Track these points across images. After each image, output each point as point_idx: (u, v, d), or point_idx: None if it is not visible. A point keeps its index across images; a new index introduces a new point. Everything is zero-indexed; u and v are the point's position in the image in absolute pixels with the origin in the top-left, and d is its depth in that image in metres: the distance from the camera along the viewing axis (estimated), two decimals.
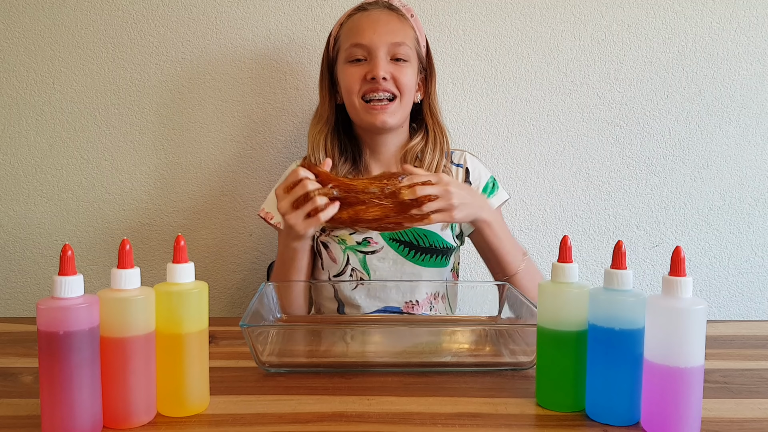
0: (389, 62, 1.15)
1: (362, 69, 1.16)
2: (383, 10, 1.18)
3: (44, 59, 1.41)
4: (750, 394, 0.76)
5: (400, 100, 1.17)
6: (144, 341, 0.65)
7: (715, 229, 1.48)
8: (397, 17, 1.18)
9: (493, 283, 1.12)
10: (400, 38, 1.15)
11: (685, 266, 0.64)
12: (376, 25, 1.15)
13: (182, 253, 0.69)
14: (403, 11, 1.20)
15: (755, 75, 1.44)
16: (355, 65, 1.16)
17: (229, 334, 0.97)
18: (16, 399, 0.73)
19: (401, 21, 1.18)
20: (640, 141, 1.45)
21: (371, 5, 1.20)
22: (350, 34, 1.17)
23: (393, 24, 1.16)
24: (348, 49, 1.16)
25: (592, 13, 1.42)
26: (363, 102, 1.16)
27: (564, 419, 0.69)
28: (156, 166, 1.45)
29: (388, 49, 1.15)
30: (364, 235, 1.18)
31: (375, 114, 1.16)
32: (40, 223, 1.46)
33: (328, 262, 1.21)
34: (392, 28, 1.16)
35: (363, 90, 1.15)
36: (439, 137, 1.24)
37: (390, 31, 1.15)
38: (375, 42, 1.14)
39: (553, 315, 0.71)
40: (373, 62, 1.14)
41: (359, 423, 0.67)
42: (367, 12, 1.18)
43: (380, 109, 1.15)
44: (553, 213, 1.47)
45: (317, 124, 1.24)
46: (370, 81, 1.14)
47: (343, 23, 1.21)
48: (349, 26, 1.18)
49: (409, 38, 1.18)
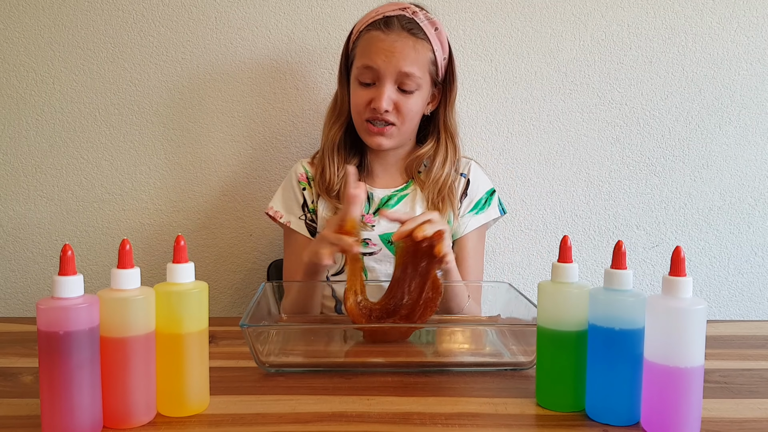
0: (395, 91, 1.15)
1: (369, 94, 1.15)
2: (401, 33, 1.14)
3: (44, 59, 1.41)
4: (750, 394, 0.76)
5: (400, 127, 1.17)
6: (144, 341, 0.65)
7: (715, 229, 1.48)
8: (413, 43, 1.14)
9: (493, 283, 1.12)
10: (410, 68, 1.13)
11: (685, 266, 0.64)
12: (390, 53, 1.13)
13: (182, 253, 0.69)
14: (425, 29, 1.16)
15: (755, 75, 1.44)
16: (363, 88, 1.16)
17: (229, 334, 0.97)
18: (16, 399, 0.73)
19: (416, 46, 1.14)
20: (640, 141, 1.45)
21: (391, 24, 1.14)
22: (364, 53, 1.16)
23: (407, 52, 1.13)
24: (359, 68, 1.16)
25: (592, 13, 1.42)
26: (365, 123, 1.18)
27: (564, 419, 0.69)
28: (156, 166, 1.45)
29: (396, 78, 1.14)
30: (363, 237, 1.19)
31: (372, 135, 1.18)
32: (40, 223, 1.46)
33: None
34: (405, 57, 1.13)
35: (366, 114, 1.17)
36: (450, 152, 1.23)
37: (402, 59, 1.13)
38: (384, 70, 1.13)
39: (553, 315, 0.71)
40: (379, 92, 1.14)
41: (359, 423, 0.67)
42: (385, 34, 1.14)
43: (377, 132, 1.17)
44: (553, 213, 1.47)
45: (336, 122, 1.24)
46: (373, 110, 1.15)
47: (362, 32, 1.17)
48: (367, 41, 1.16)
49: (421, 64, 1.15)
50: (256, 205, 1.45)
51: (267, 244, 1.47)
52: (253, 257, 1.48)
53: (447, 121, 1.24)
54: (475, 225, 1.24)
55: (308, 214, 1.24)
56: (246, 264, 1.48)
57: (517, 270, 1.48)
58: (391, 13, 1.16)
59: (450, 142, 1.24)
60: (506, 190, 1.45)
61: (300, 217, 1.24)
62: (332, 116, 1.25)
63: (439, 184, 1.21)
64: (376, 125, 1.17)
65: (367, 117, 1.17)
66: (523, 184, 1.46)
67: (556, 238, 1.45)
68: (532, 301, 0.89)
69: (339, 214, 0.98)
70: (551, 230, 1.47)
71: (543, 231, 1.47)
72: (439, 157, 1.22)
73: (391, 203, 1.22)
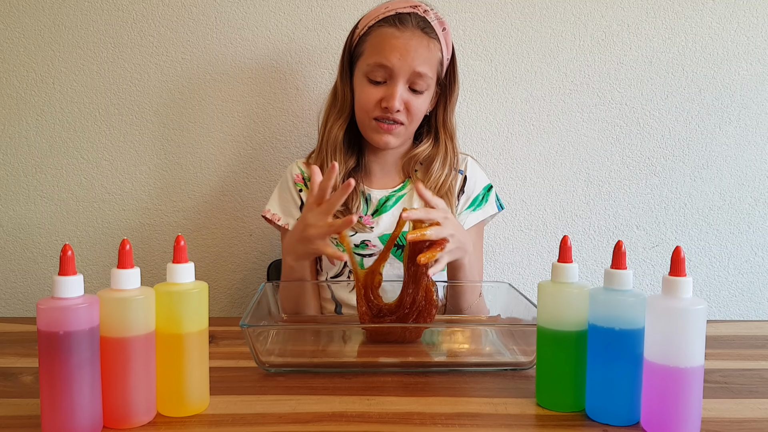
0: (406, 90, 1.14)
1: (379, 92, 1.14)
2: (415, 31, 1.12)
3: (44, 59, 1.41)
4: (750, 394, 0.76)
5: (407, 126, 1.17)
6: (144, 341, 0.65)
7: (715, 229, 1.48)
8: (426, 42, 1.13)
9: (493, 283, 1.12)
10: (423, 68, 1.12)
11: (685, 266, 0.64)
12: (405, 52, 1.11)
13: (182, 253, 0.69)
14: (436, 28, 1.15)
15: (755, 75, 1.44)
16: (373, 86, 1.14)
17: (229, 334, 0.97)
18: (16, 399, 0.73)
19: (429, 46, 1.13)
20: (640, 141, 1.45)
21: (406, 21, 1.12)
22: (376, 50, 1.13)
23: (421, 51, 1.12)
24: (371, 65, 1.13)
25: (592, 13, 1.42)
26: (372, 121, 1.16)
27: (564, 419, 0.69)
28: (156, 166, 1.45)
29: (409, 77, 1.13)
30: (362, 238, 1.18)
31: (381, 134, 1.16)
32: (40, 223, 1.46)
33: (327, 265, 1.21)
34: (419, 56, 1.12)
35: (376, 113, 1.15)
36: (450, 153, 1.23)
37: (416, 59, 1.11)
38: (398, 69, 1.11)
39: (553, 315, 0.71)
40: (391, 91, 1.12)
41: (359, 423, 0.67)
42: (400, 31, 1.12)
43: (386, 129, 1.16)
44: (553, 213, 1.47)
45: (338, 118, 1.21)
46: (384, 109, 1.14)
47: (372, 27, 1.15)
48: (378, 39, 1.13)
49: (432, 64, 1.14)
50: (256, 205, 1.45)
51: (267, 244, 1.47)
52: (253, 257, 1.48)
53: (446, 122, 1.23)
54: (473, 222, 1.24)
55: None
56: (246, 264, 1.48)
57: (517, 270, 1.48)
58: (404, 10, 1.14)
59: (449, 143, 1.23)
60: (506, 189, 1.45)
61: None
62: (333, 112, 1.22)
63: (438, 185, 1.20)
64: (384, 122, 1.15)
65: (376, 115, 1.15)
66: (523, 183, 1.46)
67: (556, 238, 1.45)
68: (532, 301, 0.89)
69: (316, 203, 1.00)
70: (551, 230, 1.47)
71: (543, 231, 1.47)
72: (438, 158, 1.22)
73: (389, 204, 1.22)
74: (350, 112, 1.21)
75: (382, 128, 1.16)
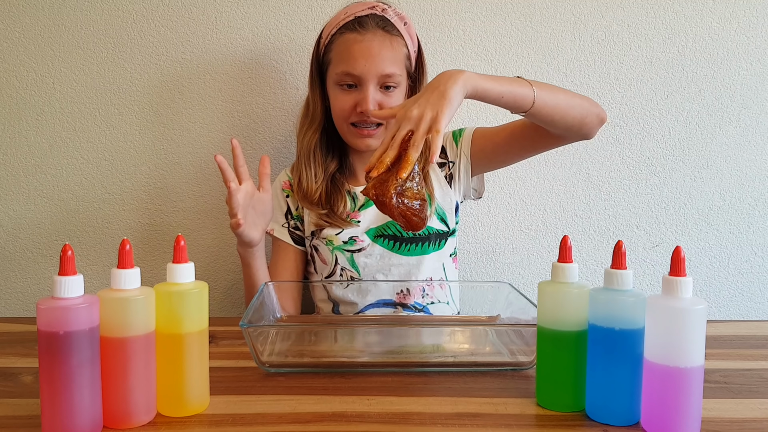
0: (378, 91, 1.15)
1: (352, 98, 1.15)
2: (377, 32, 1.14)
3: (44, 59, 1.41)
4: (750, 394, 0.76)
5: (386, 125, 1.17)
6: (144, 341, 0.65)
7: (715, 229, 1.48)
8: (389, 41, 1.14)
9: (493, 283, 1.12)
10: (390, 68, 1.13)
11: (685, 266, 0.64)
12: (369, 56, 1.12)
13: (182, 253, 0.69)
14: (397, 24, 1.16)
15: (755, 75, 1.44)
16: (345, 91, 1.16)
17: (229, 334, 0.97)
18: (16, 399, 0.73)
19: (393, 44, 1.15)
20: (640, 141, 1.45)
21: (366, 24, 1.14)
22: (342, 58, 1.15)
23: (385, 52, 1.13)
24: (339, 74, 1.15)
25: (592, 13, 1.42)
26: (351, 126, 1.17)
27: (564, 419, 0.69)
28: (156, 166, 1.45)
29: (378, 80, 1.14)
30: (350, 235, 1.19)
31: (361, 139, 1.18)
32: (40, 223, 1.46)
33: (320, 265, 1.23)
34: (384, 58, 1.13)
35: (353, 119, 1.16)
36: None
37: (382, 60, 1.13)
38: (365, 74, 1.12)
39: (553, 315, 0.71)
40: (363, 95, 1.13)
41: (359, 423, 0.67)
42: (361, 35, 1.13)
43: (366, 134, 1.17)
44: (553, 213, 1.47)
45: (309, 128, 1.23)
46: (360, 113, 1.15)
47: (334, 35, 1.17)
48: (343, 46, 1.15)
49: (399, 61, 1.16)
50: None
51: (267, 244, 1.47)
52: None
53: None
54: (467, 145, 1.23)
55: (291, 221, 1.25)
56: None
57: (517, 270, 1.48)
58: (362, 12, 1.15)
59: None
60: (506, 189, 1.45)
61: (283, 224, 1.26)
62: (305, 123, 1.24)
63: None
64: (363, 128, 1.17)
65: (353, 120, 1.17)
66: (523, 184, 1.46)
67: (556, 238, 1.45)
68: (532, 301, 0.90)
69: None
70: (551, 230, 1.47)
71: (543, 231, 1.47)
72: None
73: None
74: (322, 120, 1.22)
75: (362, 134, 1.17)
